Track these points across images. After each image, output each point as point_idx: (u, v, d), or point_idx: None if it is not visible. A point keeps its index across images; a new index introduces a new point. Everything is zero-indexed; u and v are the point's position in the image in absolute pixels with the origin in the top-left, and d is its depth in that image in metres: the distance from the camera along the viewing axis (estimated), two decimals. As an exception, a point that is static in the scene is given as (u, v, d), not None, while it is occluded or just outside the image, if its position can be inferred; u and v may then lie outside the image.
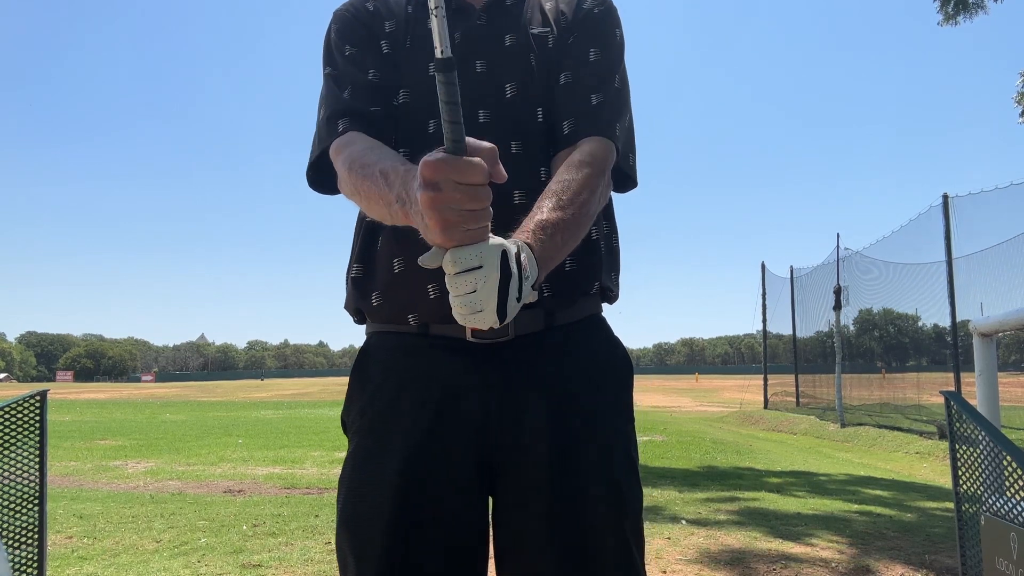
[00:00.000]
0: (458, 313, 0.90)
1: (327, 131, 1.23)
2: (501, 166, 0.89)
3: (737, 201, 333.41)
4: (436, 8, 0.84)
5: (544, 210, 1.05)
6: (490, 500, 1.19)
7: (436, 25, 0.84)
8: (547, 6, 1.32)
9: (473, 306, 0.89)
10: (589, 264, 1.24)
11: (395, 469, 1.13)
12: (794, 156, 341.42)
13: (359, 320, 1.30)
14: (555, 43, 1.28)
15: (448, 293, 0.90)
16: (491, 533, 1.18)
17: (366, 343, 1.28)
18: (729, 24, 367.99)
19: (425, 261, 0.89)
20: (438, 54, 0.84)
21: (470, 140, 0.86)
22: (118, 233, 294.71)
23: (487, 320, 0.90)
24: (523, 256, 0.93)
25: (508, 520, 1.16)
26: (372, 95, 1.24)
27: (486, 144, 0.88)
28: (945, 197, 11.31)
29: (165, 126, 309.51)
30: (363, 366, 1.25)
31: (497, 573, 1.19)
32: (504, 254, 0.90)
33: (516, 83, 1.24)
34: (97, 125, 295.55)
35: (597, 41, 1.28)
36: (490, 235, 0.90)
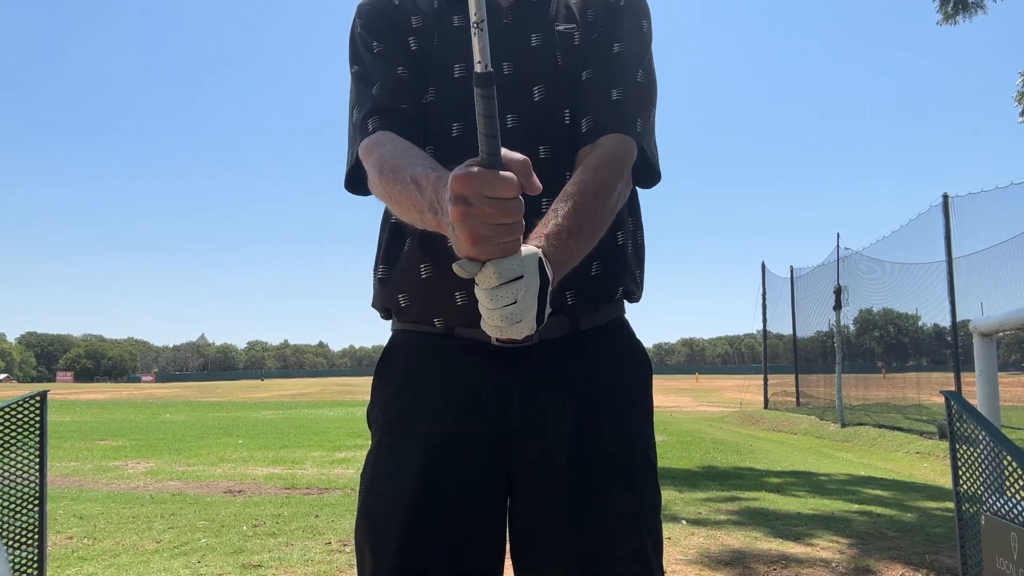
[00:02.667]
0: (494, 327, 0.88)
1: (359, 132, 1.20)
2: (535, 178, 0.86)
3: (737, 201, 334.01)
4: (480, 22, 0.81)
5: (559, 214, 1.04)
6: (508, 500, 1.19)
7: (477, 39, 0.81)
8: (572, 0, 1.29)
9: (513, 317, 0.86)
10: (614, 270, 1.23)
11: (415, 464, 1.14)
12: (794, 156, 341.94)
13: (386, 317, 1.30)
14: (581, 40, 1.25)
15: (475, 300, 0.87)
16: (508, 532, 1.18)
17: (391, 340, 1.29)
18: (729, 23, 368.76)
19: (461, 269, 0.86)
20: (479, 68, 0.81)
21: (503, 152, 0.84)
22: (118, 233, 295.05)
23: (525, 330, 0.88)
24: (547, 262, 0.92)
25: (525, 520, 1.16)
26: (402, 92, 1.21)
27: (519, 156, 0.85)
28: (945, 197, 11.31)
29: (165, 126, 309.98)
30: (387, 363, 1.26)
31: (515, 572, 1.19)
32: (540, 260, 0.89)
33: (543, 86, 1.22)
34: (97, 125, 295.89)
35: (621, 34, 1.25)
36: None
